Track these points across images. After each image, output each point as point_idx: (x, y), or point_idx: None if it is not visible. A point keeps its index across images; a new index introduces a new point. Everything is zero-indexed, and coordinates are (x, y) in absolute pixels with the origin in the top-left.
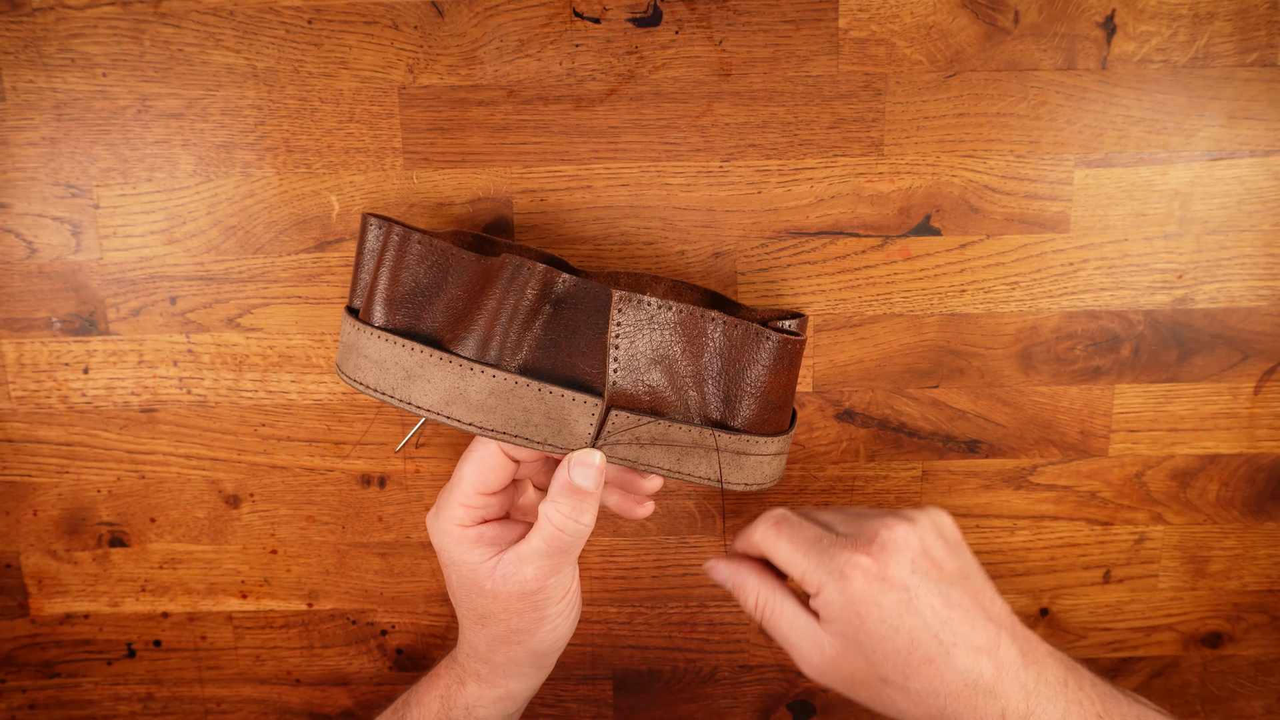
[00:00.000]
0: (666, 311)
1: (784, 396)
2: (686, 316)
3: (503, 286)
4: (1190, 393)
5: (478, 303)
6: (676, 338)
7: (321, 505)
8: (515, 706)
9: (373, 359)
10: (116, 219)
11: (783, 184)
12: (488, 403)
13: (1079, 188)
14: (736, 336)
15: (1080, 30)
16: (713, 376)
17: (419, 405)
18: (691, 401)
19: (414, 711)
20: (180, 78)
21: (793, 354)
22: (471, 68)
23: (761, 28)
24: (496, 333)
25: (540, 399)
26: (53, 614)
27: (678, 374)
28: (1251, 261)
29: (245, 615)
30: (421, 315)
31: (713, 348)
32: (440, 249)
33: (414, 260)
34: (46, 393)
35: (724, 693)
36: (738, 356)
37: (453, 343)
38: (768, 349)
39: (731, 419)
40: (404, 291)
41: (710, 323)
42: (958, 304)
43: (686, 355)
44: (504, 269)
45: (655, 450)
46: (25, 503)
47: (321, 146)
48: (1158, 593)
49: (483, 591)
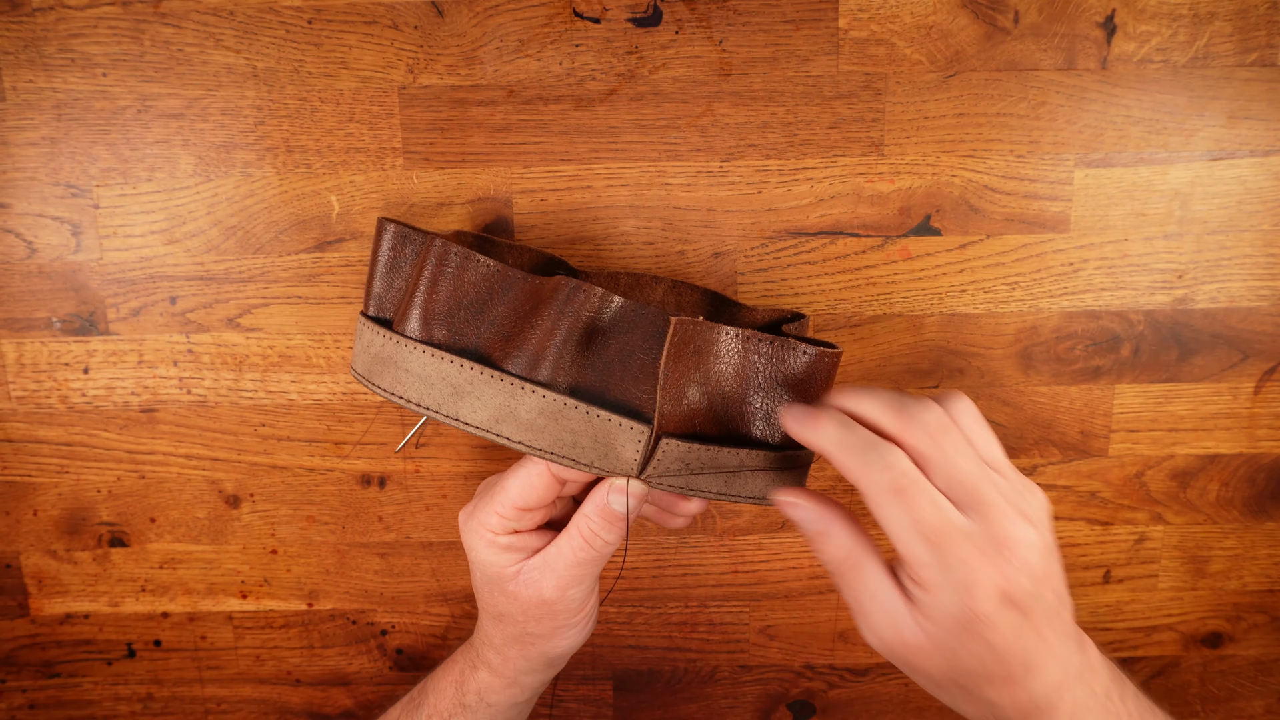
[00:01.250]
0: (720, 336)
1: None
2: (740, 341)
3: (558, 308)
4: (1190, 393)
5: (529, 321)
6: (722, 360)
7: (321, 505)
8: (525, 696)
9: (416, 373)
10: (116, 219)
11: (783, 184)
12: (537, 422)
13: (1079, 188)
14: (777, 354)
15: (1080, 30)
16: (757, 396)
17: (468, 422)
18: (738, 424)
19: (431, 697)
20: (180, 78)
21: (829, 366)
22: (471, 68)
23: (761, 28)
24: (549, 353)
25: (588, 421)
26: (53, 614)
27: (726, 396)
28: (1251, 261)
29: (245, 615)
30: (466, 331)
31: (756, 366)
32: (484, 265)
33: (455, 274)
34: (46, 393)
35: (724, 693)
36: (776, 373)
37: (502, 360)
38: (806, 363)
39: (772, 436)
40: (447, 306)
41: (752, 341)
42: (958, 304)
43: (734, 378)
44: (560, 290)
45: (703, 476)
46: (25, 503)
47: (321, 146)
48: (1158, 593)
49: (505, 593)
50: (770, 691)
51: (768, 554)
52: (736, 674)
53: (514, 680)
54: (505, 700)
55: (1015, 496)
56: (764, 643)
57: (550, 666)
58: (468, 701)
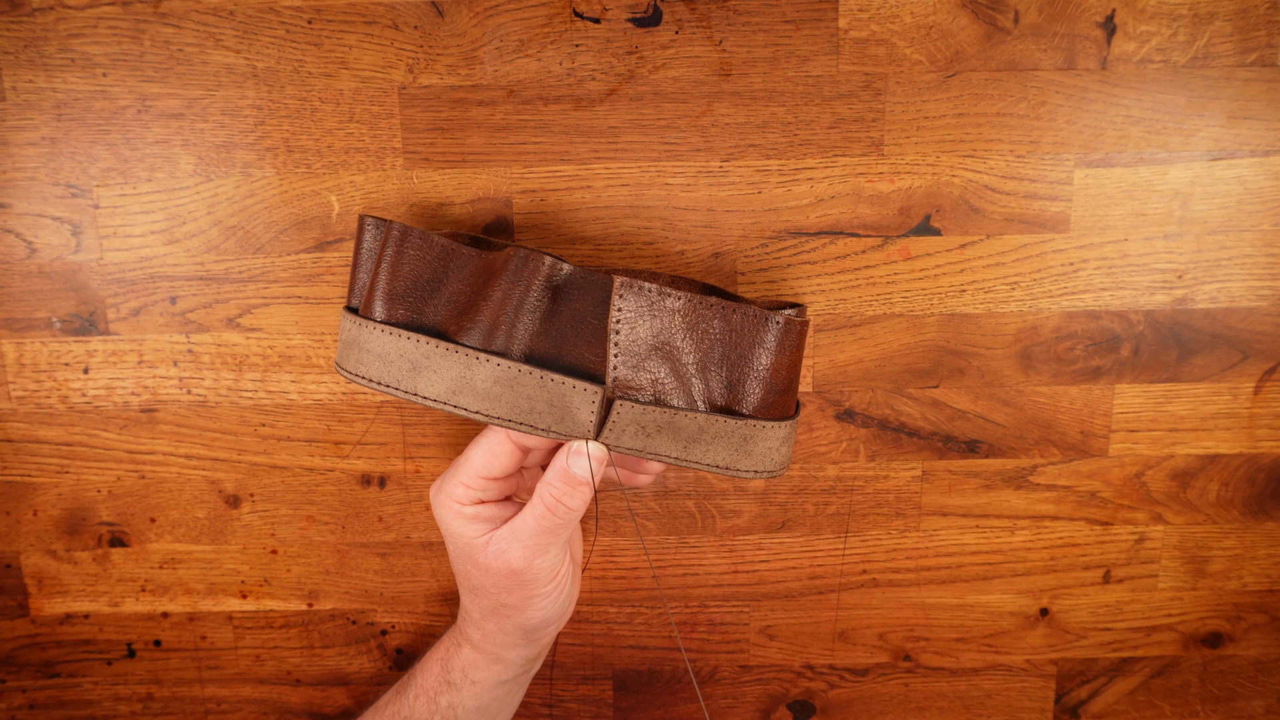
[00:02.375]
0: (667, 298)
1: (789, 379)
2: (686, 303)
3: (509, 277)
4: (1190, 393)
5: (483, 294)
6: (678, 324)
7: (321, 505)
8: (510, 674)
9: (376, 353)
10: (116, 219)
11: (783, 184)
12: (493, 391)
13: (1079, 188)
14: (737, 321)
15: (1080, 30)
16: (715, 362)
17: (425, 396)
18: (696, 389)
19: (418, 676)
20: (180, 78)
21: (796, 335)
22: (471, 68)
23: (761, 28)
24: (503, 322)
25: (543, 386)
26: (53, 614)
27: (681, 361)
28: (1251, 261)
29: (245, 615)
30: (424, 309)
31: (714, 333)
32: (439, 244)
33: (413, 255)
34: (46, 393)
35: (724, 693)
36: (739, 341)
37: (458, 334)
38: (772, 332)
39: (737, 404)
40: (405, 286)
41: (710, 308)
42: (958, 304)
43: (689, 341)
44: (510, 260)
45: (662, 439)
46: (25, 503)
47: (321, 146)
48: (1158, 593)
49: (476, 565)
50: (770, 691)
51: (768, 554)
52: (736, 674)
53: (497, 656)
54: (490, 678)
55: None
56: (764, 643)
57: (529, 640)
58: (453, 679)
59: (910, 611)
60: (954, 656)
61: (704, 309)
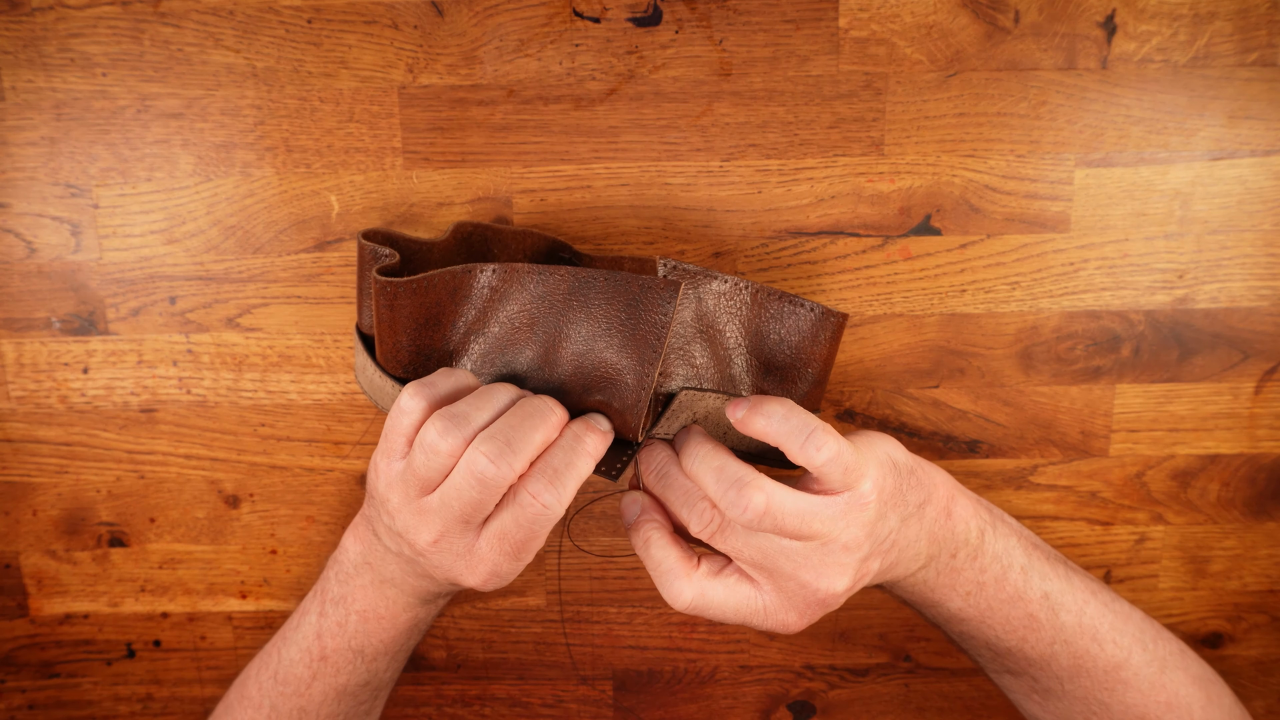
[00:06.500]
0: (713, 281)
1: (822, 371)
2: (733, 286)
3: (465, 297)
4: (1191, 393)
5: (457, 313)
6: (723, 307)
7: (321, 505)
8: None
9: (388, 393)
10: (116, 219)
11: (783, 184)
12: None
13: (1079, 187)
14: (776, 309)
15: (1080, 30)
16: (743, 352)
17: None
18: (737, 372)
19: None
20: (180, 77)
21: (834, 328)
22: (471, 67)
23: (761, 27)
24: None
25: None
26: (52, 614)
27: (723, 346)
28: (1252, 261)
29: (245, 615)
30: (431, 345)
31: (744, 319)
32: (411, 285)
33: (407, 302)
34: (46, 393)
35: (724, 693)
36: (784, 331)
37: (458, 359)
38: (809, 322)
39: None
40: (407, 338)
41: (744, 291)
42: (958, 304)
43: (734, 326)
44: (471, 274)
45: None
46: (25, 503)
47: (321, 146)
48: (1158, 593)
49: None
50: (770, 691)
51: None
52: (736, 674)
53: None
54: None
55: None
56: (764, 643)
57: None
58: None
59: (910, 611)
60: (954, 656)
61: (743, 293)
